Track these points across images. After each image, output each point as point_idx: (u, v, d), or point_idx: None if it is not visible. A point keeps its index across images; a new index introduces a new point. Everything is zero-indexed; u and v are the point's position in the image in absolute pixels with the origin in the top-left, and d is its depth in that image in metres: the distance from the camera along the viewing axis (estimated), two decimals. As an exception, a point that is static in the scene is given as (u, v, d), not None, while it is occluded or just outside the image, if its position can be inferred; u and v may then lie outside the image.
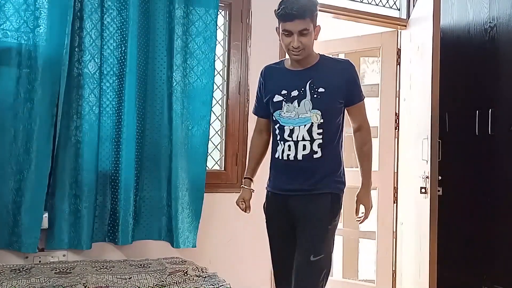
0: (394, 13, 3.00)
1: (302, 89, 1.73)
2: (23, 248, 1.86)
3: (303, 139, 1.72)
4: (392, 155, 2.93)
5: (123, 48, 2.01)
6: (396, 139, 2.94)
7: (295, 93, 1.74)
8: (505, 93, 2.37)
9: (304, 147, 1.72)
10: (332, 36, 3.30)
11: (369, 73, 4.79)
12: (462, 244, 2.62)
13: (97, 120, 1.98)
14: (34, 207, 1.87)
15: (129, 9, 2.00)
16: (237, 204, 1.91)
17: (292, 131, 1.73)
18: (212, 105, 2.24)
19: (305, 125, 1.72)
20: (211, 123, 2.22)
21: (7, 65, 1.85)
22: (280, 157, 1.76)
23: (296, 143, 1.72)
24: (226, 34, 2.42)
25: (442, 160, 2.34)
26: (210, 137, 2.23)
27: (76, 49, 1.95)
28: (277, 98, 1.77)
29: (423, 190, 2.35)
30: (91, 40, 1.97)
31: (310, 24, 1.68)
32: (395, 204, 2.92)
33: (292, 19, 1.64)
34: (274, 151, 1.82)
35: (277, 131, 1.78)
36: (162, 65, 2.09)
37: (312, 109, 1.71)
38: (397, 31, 2.96)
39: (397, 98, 2.94)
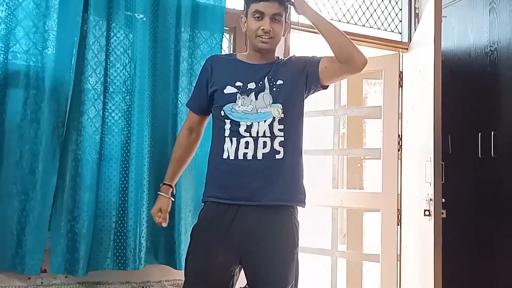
0: (396, 37, 3.05)
1: (260, 82, 1.57)
2: (26, 270, 1.84)
3: (264, 135, 1.52)
4: (395, 177, 2.93)
5: (130, 70, 2.03)
6: (399, 160, 2.94)
7: (252, 85, 1.56)
8: (507, 116, 2.38)
9: (265, 145, 1.51)
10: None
11: (372, 95, 4.83)
12: (467, 266, 2.59)
13: (100, 140, 1.98)
14: (38, 228, 1.85)
15: (136, 31, 2.04)
16: (152, 215, 1.67)
17: (250, 127, 1.53)
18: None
19: (265, 121, 1.53)
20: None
21: (16, 86, 1.87)
22: (232, 157, 1.52)
23: (255, 139, 1.51)
24: (227, 53, 2.45)
25: (445, 182, 2.33)
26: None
27: (83, 70, 1.96)
28: (230, 89, 1.57)
29: (426, 213, 2.33)
30: (98, 61, 1.99)
31: (283, 12, 1.57)
32: (399, 226, 2.90)
33: None
34: (219, 150, 1.56)
35: (226, 127, 1.55)
36: (168, 86, 2.11)
37: (273, 103, 1.55)
38: (399, 54, 3.00)
39: (400, 120, 2.96)
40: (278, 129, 1.54)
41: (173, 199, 1.71)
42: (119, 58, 2.04)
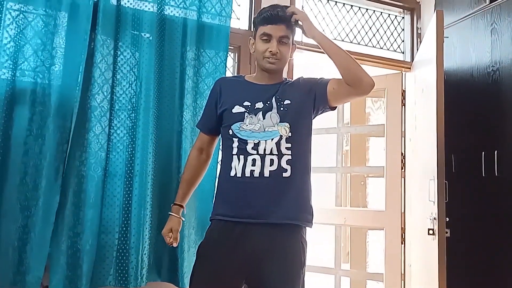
0: (398, 56, 3.08)
1: (268, 102, 1.59)
2: (26, 286, 1.82)
3: (271, 153, 1.53)
4: (399, 195, 2.93)
5: (136, 88, 2.06)
6: (403, 179, 2.94)
7: (260, 105, 1.59)
8: (510, 135, 2.39)
9: (272, 162, 1.52)
10: (337, 75, 3.37)
11: (374, 114, 4.85)
12: (472, 286, 2.56)
13: (105, 156, 1.99)
14: (40, 245, 1.84)
15: (142, 50, 2.07)
16: (163, 235, 1.68)
17: (257, 144, 1.54)
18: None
19: (272, 139, 1.54)
20: (218, 161, 2.24)
21: (23, 103, 1.89)
22: (239, 175, 1.53)
23: (263, 157, 1.52)
24: (235, 75, 2.48)
25: (449, 201, 2.32)
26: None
27: (89, 87, 1.98)
28: (238, 109, 1.60)
29: (431, 232, 2.32)
30: (105, 79, 2.01)
31: (290, 35, 1.61)
32: (403, 245, 2.88)
33: (275, 22, 1.56)
34: (227, 168, 1.58)
35: (234, 145, 1.57)
36: (173, 104, 2.13)
37: (280, 122, 1.57)
38: (402, 73, 3.02)
39: (403, 138, 2.97)
40: (286, 148, 1.54)
41: (183, 219, 1.71)
42: (125, 76, 2.06)
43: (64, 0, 1.97)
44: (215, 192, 1.70)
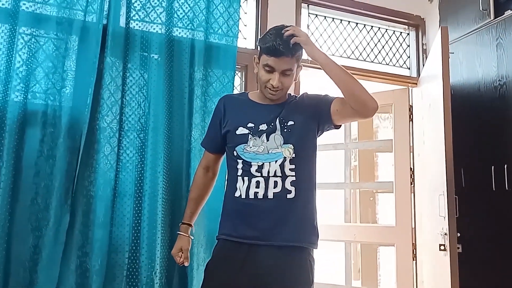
0: (405, 72, 3.09)
1: (272, 123, 1.57)
2: (37, 306, 1.84)
3: (275, 175, 1.51)
4: (409, 210, 2.91)
5: (145, 108, 2.09)
6: (412, 194, 2.92)
7: (263, 127, 1.56)
8: (520, 149, 2.38)
9: (276, 184, 1.51)
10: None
11: (382, 129, 4.85)
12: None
13: (114, 176, 2.01)
14: (50, 265, 1.86)
15: (151, 71, 2.11)
16: (173, 256, 1.67)
17: (261, 167, 1.53)
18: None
19: (276, 161, 1.53)
20: (226, 178, 2.25)
21: (34, 125, 1.93)
22: (243, 196, 1.53)
23: (266, 179, 1.51)
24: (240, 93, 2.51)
25: (460, 216, 2.30)
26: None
27: (98, 108, 2.01)
28: (242, 130, 1.58)
29: (442, 247, 2.30)
30: (114, 100, 2.05)
31: (295, 64, 1.55)
32: (414, 261, 2.85)
33: (278, 55, 1.48)
34: (232, 188, 1.58)
35: (238, 166, 1.56)
36: (182, 123, 2.15)
37: (284, 143, 1.54)
38: (408, 88, 3.03)
39: (411, 154, 2.96)
40: (290, 169, 1.53)
41: (192, 238, 1.70)
42: (134, 97, 2.10)
43: (74, 24, 2.02)
44: (218, 209, 1.70)
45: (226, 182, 1.68)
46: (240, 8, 2.37)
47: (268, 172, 1.52)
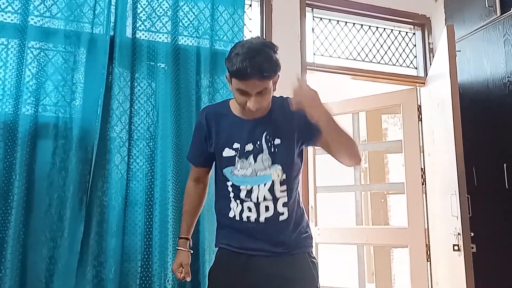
0: (412, 72, 3.08)
1: (258, 142, 1.47)
2: (53, 317, 1.85)
3: (265, 199, 1.46)
4: (421, 211, 2.88)
5: (153, 117, 2.11)
6: (424, 194, 2.90)
7: (249, 147, 1.47)
8: (532, 145, 2.35)
9: (267, 208, 1.46)
10: (351, 95, 3.38)
11: (391, 130, 4.82)
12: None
13: (125, 185, 2.03)
14: (66, 275, 1.88)
15: (158, 80, 2.13)
16: (173, 272, 1.61)
17: (250, 191, 1.47)
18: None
19: (265, 184, 1.46)
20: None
21: (45, 137, 1.96)
22: (237, 218, 1.49)
23: (257, 204, 1.46)
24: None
25: (473, 215, 2.28)
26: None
27: (108, 118, 2.04)
28: (228, 152, 1.49)
29: (456, 248, 2.27)
30: (123, 110, 2.07)
31: (270, 82, 1.38)
32: (428, 262, 2.82)
33: (248, 78, 1.33)
34: (225, 208, 1.52)
35: (229, 188, 1.50)
36: (190, 130, 2.15)
37: (272, 164, 1.46)
38: (416, 88, 3.02)
39: (422, 153, 2.94)
40: (281, 191, 1.47)
41: (191, 252, 1.67)
42: (143, 106, 2.12)
43: (82, 36, 2.06)
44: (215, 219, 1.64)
45: (215, 192, 1.63)
46: (244, 14, 2.39)
47: (257, 197, 1.46)
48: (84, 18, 2.08)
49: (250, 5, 2.66)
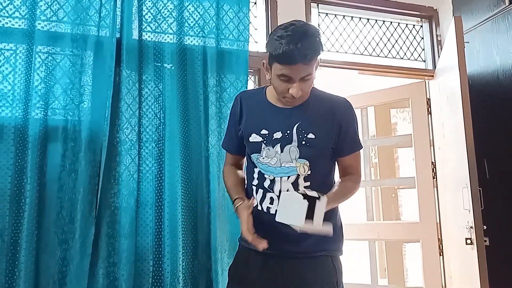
0: (420, 65, 3.05)
1: (288, 131, 1.40)
2: (67, 318, 1.87)
3: None
4: (433, 205, 2.86)
5: (161, 117, 2.12)
6: (435, 188, 2.88)
7: (278, 135, 1.40)
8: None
9: None
10: (359, 90, 3.36)
11: (401, 124, 4.78)
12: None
13: (136, 186, 2.04)
14: (79, 276, 1.90)
15: (165, 81, 2.14)
16: (245, 236, 1.35)
17: (273, 182, 1.40)
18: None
19: (288, 177, 1.39)
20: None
21: (55, 140, 1.98)
22: (259, 208, 1.42)
23: (279, 197, 1.36)
24: (257, 88, 2.51)
25: (485, 208, 2.25)
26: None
27: (116, 120, 2.05)
28: (255, 138, 1.43)
29: (468, 241, 2.25)
30: (132, 112, 2.08)
31: (313, 67, 1.33)
32: (441, 257, 2.80)
33: (294, 62, 1.27)
34: (249, 193, 1.46)
35: (255, 175, 1.45)
36: (199, 130, 2.17)
37: (299, 158, 1.38)
38: (425, 81, 2.99)
39: (432, 147, 2.91)
40: (304, 186, 1.39)
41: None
42: (151, 108, 2.13)
43: (89, 39, 2.07)
44: None
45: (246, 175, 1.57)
46: (249, 12, 2.39)
47: (280, 191, 1.39)
48: (90, 21, 2.09)
49: (255, 3, 2.65)
